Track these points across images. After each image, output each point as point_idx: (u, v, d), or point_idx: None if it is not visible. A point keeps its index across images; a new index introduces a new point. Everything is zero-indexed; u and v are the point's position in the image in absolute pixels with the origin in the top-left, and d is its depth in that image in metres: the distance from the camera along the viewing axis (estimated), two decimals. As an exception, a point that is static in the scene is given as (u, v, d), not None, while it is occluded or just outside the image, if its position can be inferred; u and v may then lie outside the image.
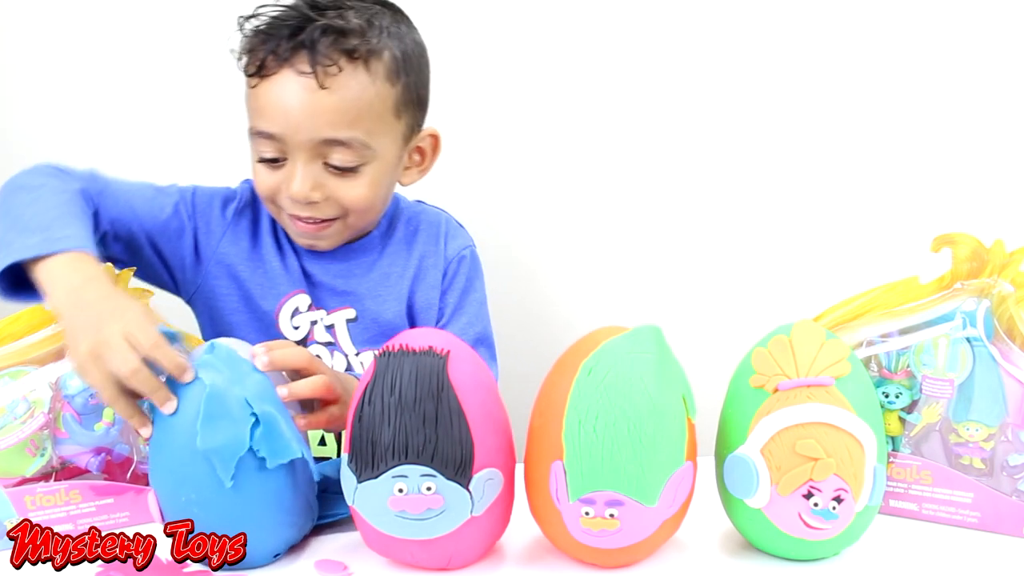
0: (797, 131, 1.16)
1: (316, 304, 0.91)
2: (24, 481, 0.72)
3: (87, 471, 0.74)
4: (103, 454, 0.75)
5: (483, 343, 0.93)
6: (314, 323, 0.90)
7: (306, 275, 0.91)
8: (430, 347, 0.62)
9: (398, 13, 0.89)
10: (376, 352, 0.63)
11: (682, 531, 0.67)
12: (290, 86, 0.81)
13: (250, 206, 0.93)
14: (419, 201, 1.00)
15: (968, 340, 0.73)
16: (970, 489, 0.73)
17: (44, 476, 0.73)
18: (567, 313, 1.20)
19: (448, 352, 0.62)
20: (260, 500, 0.64)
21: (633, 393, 0.59)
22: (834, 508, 0.62)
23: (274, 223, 0.92)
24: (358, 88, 0.82)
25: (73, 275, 0.70)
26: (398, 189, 0.94)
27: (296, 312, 0.90)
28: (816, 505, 0.62)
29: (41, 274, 0.70)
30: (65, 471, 0.74)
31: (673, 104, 1.17)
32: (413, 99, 0.87)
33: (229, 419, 0.63)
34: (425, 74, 0.90)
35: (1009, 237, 0.73)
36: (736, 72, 1.16)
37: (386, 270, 0.93)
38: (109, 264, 0.78)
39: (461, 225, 0.99)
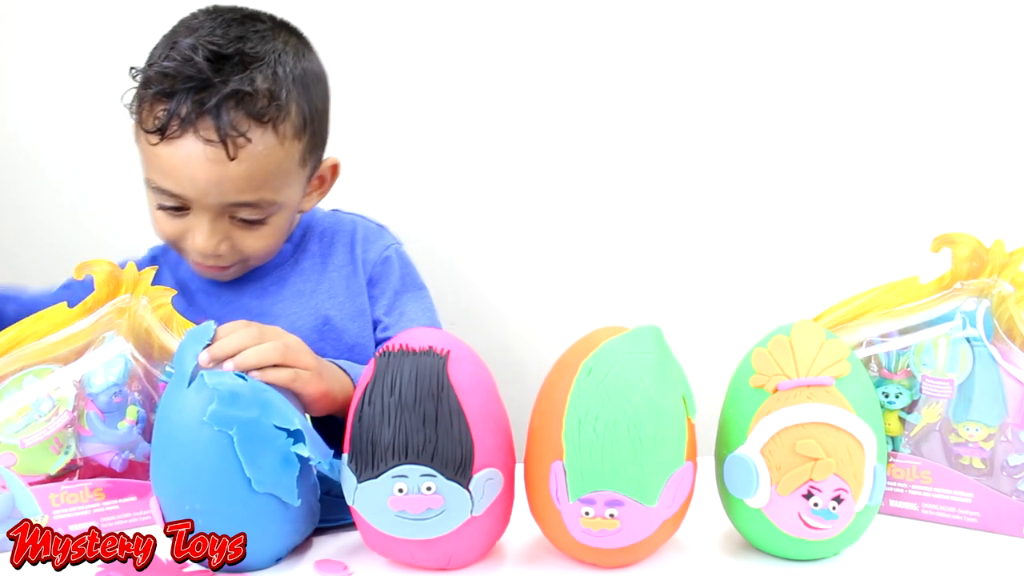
0: (797, 131, 1.16)
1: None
2: (48, 479, 0.73)
3: (110, 469, 0.75)
4: (126, 452, 0.75)
5: None
6: None
7: (198, 302, 0.90)
8: (430, 347, 0.62)
9: (299, 43, 0.85)
10: (376, 352, 0.63)
11: (682, 531, 0.67)
12: (195, 154, 0.77)
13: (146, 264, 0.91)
14: (335, 210, 0.98)
15: (968, 340, 0.73)
16: (970, 489, 0.73)
17: (68, 474, 0.73)
18: (566, 313, 1.19)
19: (448, 352, 0.62)
20: (265, 508, 0.64)
21: (633, 393, 0.59)
22: (834, 508, 0.62)
23: (173, 272, 0.91)
24: (266, 153, 0.79)
25: None
26: None
27: None
28: (816, 505, 0.62)
29: None
30: (88, 469, 0.74)
31: (673, 104, 1.17)
32: (318, 143, 0.86)
33: (270, 452, 0.64)
34: (327, 108, 0.88)
35: (1009, 237, 0.73)
36: (736, 71, 1.16)
37: (300, 287, 0.91)
38: (132, 263, 0.78)
39: (382, 226, 0.97)
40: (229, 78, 0.77)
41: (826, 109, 1.15)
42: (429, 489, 0.60)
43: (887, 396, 0.75)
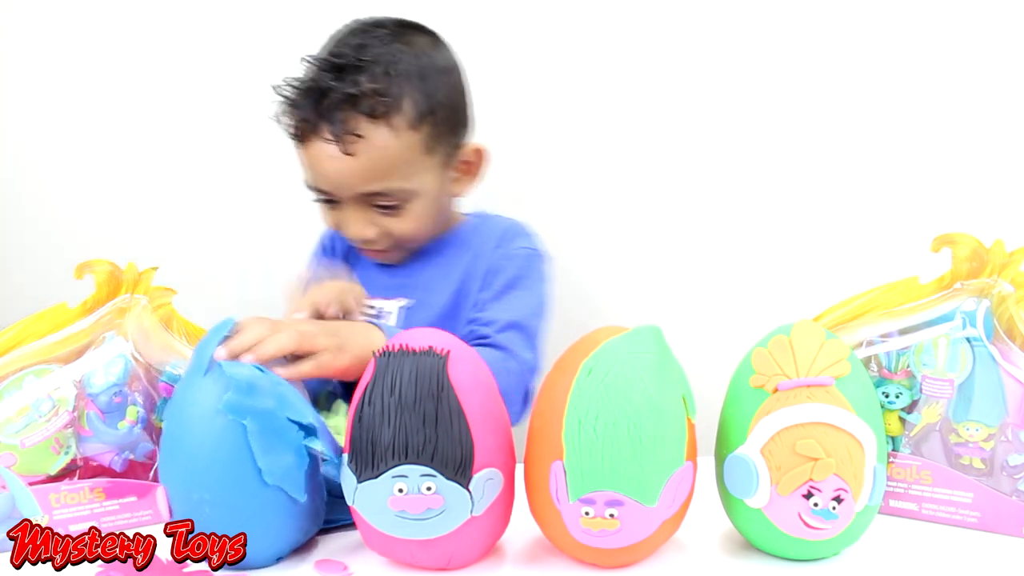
0: (797, 131, 1.16)
1: (374, 292, 0.97)
2: (48, 479, 0.73)
3: (110, 469, 0.75)
4: (126, 452, 0.75)
5: (515, 328, 0.92)
6: (371, 308, 0.96)
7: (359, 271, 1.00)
8: (430, 347, 0.62)
9: (425, 41, 0.93)
10: (376, 352, 0.63)
11: (682, 531, 0.66)
12: (321, 154, 0.89)
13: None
14: (499, 216, 1.04)
15: (968, 340, 0.73)
16: (970, 489, 0.73)
17: (68, 474, 0.74)
18: (567, 313, 1.19)
19: (448, 352, 0.62)
20: (272, 503, 0.65)
21: (633, 393, 0.59)
22: (834, 508, 0.62)
23: (345, 244, 1.02)
24: (382, 145, 0.88)
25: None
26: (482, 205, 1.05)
27: None
28: (816, 505, 0.62)
29: None
30: (88, 469, 0.74)
31: (673, 104, 1.17)
32: (444, 131, 0.92)
33: (283, 445, 0.65)
34: (456, 98, 0.94)
35: (1009, 237, 0.73)
36: (737, 73, 1.16)
37: (443, 269, 0.98)
38: (131, 262, 0.78)
39: (533, 233, 1.02)
40: (342, 84, 0.87)
41: (826, 110, 1.15)
42: (429, 489, 0.60)
43: (887, 396, 0.75)
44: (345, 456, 0.63)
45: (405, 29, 0.93)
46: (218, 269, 1.21)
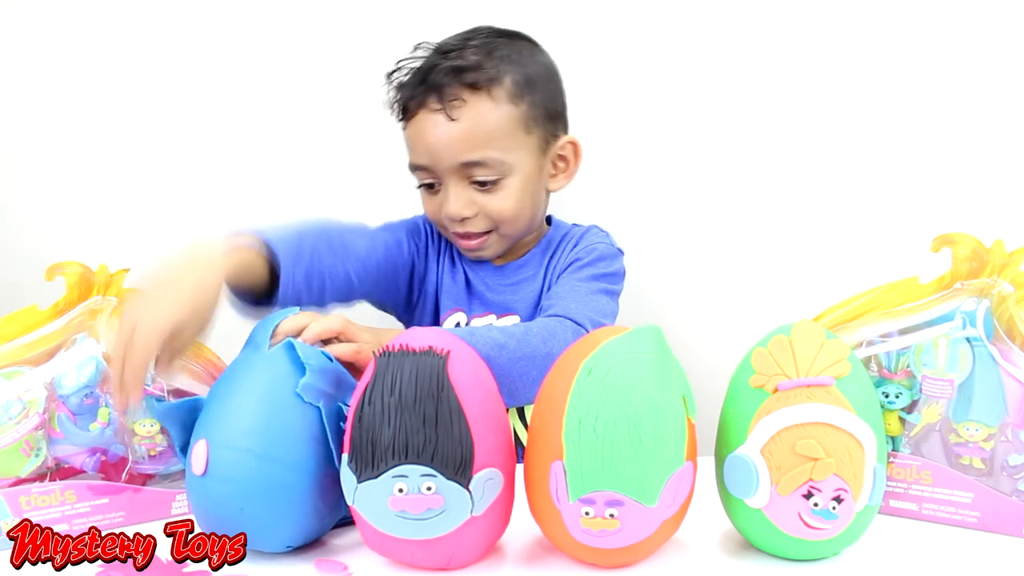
0: (797, 131, 1.16)
1: (485, 310, 1.01)
2: (19, 482, 0.72)
3: (82, 471, 0.74)
4: (98, 454, 0.75)
5: (565, 314, 0.90)
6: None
7: (472, 288, 1.03)
8: (430, 347, 0.62)
9: (520, 42, 0.99)
10: (376, 352, 0.63)
11: (682, 531, 0.66)
12: (427, 124, 0.94)
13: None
14: (593, 227, 1.06)
15: (968, 340, 0.73)
16: (970, 489, 0.73)
17: (39, 476, 0.73)
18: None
19: (448, 352, 0.62)
20: (307, 475, 0.66)
21: (633, 393, 0.59)
22: (834, 508, 0.62)
23: (449, 245, 1.05)
24: (483, 113, 0.93)
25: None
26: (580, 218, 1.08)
27: (457, 326, 0.99)
28: (816, 505, 0.62)
29: None
30: (60, 471, 0.74)
31: (673, 104, 1.17)
32: (541, 114, 0.97)
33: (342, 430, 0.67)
34: (553, 90, 1.00)
35: (1009, 237, 0.73)
36: (737, 72, 1.16)
37: (523, 275, 1.02)
38: (103, 264, 0.77)
39: (606, 233, 1.05)
40: (448, 60, 0.94)
41: (826, 110, 1.15)
42: (429, 489, 0.60)
43: (887, 396, 0.75)
44: (345, 456, 0.63)
45: (506, 32, 1.00)
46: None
